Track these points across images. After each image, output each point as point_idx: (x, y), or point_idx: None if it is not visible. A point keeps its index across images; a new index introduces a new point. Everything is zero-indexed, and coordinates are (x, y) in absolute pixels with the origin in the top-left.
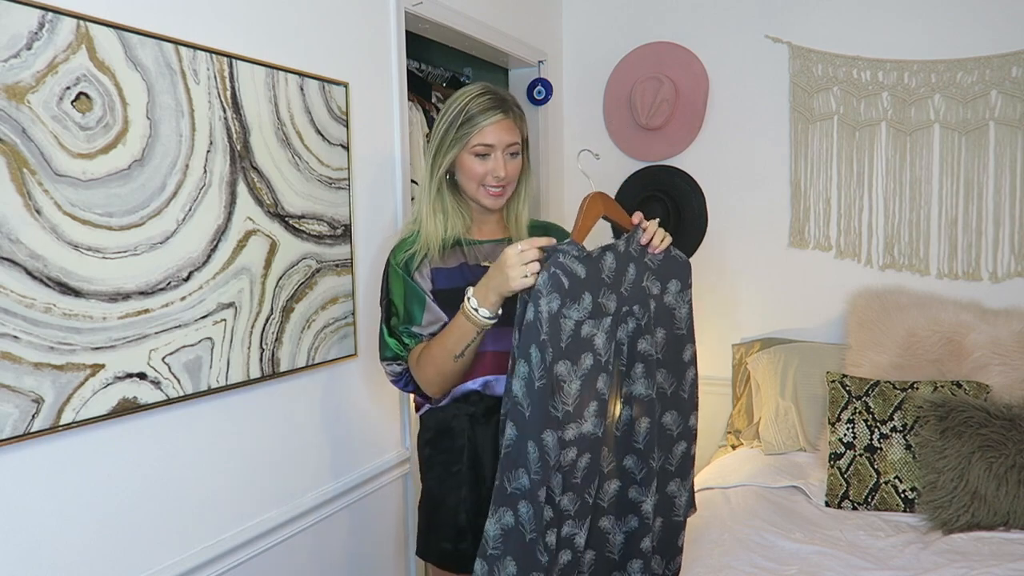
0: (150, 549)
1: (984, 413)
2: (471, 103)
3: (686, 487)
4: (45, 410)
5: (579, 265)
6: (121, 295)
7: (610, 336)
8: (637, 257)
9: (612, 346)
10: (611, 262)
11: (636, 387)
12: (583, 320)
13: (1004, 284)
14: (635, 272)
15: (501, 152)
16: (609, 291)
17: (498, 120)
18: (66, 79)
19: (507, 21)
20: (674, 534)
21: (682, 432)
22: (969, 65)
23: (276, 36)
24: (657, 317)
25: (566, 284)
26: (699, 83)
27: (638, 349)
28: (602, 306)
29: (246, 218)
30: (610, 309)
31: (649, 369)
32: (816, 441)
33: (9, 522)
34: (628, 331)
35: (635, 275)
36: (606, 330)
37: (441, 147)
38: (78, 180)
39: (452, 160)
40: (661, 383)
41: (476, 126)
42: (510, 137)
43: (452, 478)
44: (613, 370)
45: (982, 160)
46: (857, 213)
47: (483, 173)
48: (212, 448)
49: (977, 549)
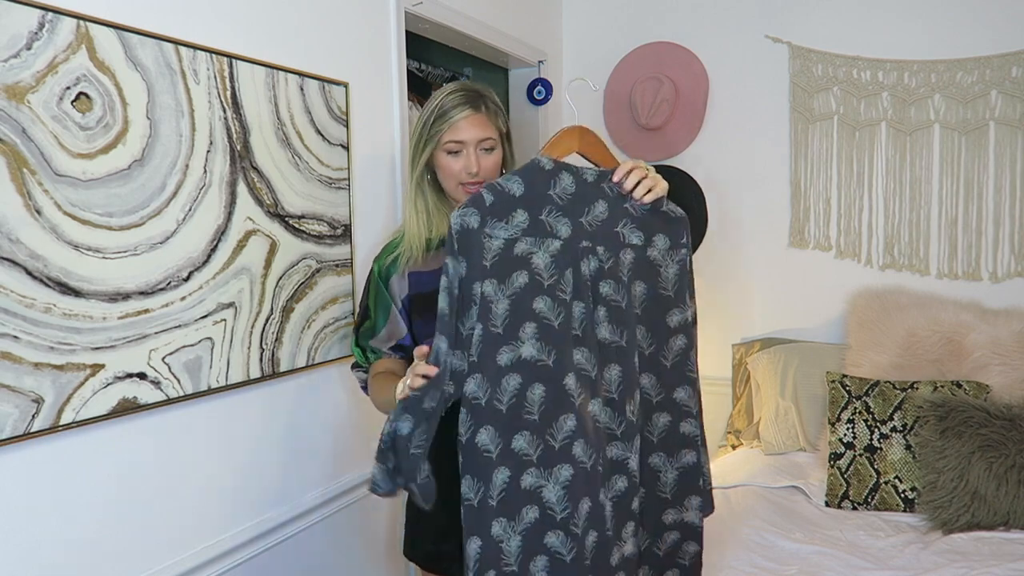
0: (150, 549)
1: (984, 413)
2: (443, 100)
3: (674, 466)
4: (45, 410)
5: (516, 181)
6: (121, 295)
7: (560, 261)
8: (613, 198)
9: (568, 275)
10: (568, 184)
11: (600, 330)
12: (515, 238)
13: (1004, 284)
14: (606, 211)
15: (473, 148)
16: (560, 214)
17: (467, 115)
18: (66, 79)
19: (507, 21)
20: (658, 510)
21: (663, 403)
22: (969, 65)
23: (276, 36)
24: (636, 269)
25: (488, 201)
26: (699, 83)
27: (600, 291)
28: (546, 225)
29: (246, 218)
30: (560, 233)
31: (614, 315)
32: (816, 441)
33: (9, 522)
34: (591, 268)
35: (606, 215)
36: (552, 252)
37: (417, 146)
38: (78, 180)
39: (428, 158)
40: (639, 340)
41: (447, 122)
42: (482, 132)
43: (435, 479)
44: (572, 301)
45: (982, 160)
46: (857, 213)
47: (458, 170)
48: (212, 448)
49: (977, 549)
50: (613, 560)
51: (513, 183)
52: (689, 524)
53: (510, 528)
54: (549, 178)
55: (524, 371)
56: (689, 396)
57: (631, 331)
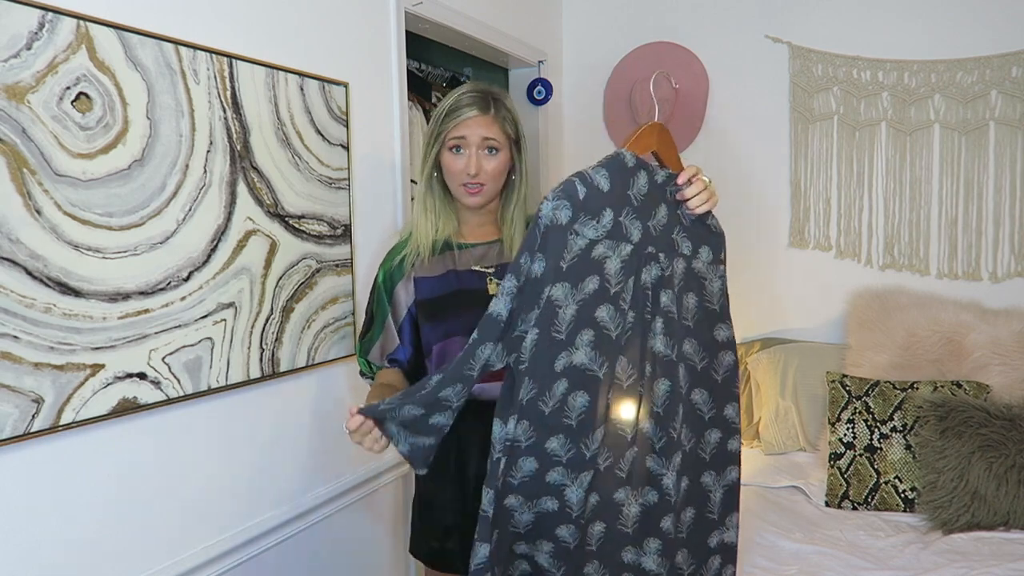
0: (150, 549)
1: (984, 413)
2: (456, 99)
3: (721, 484)
4: (45, 410)
5: (603, 175)
6: (121, 295)
7: (628, 267)
8: (671, 203)
9: (631, 282)
10: (643, 184)
11: (656, 342)
12: (598, 240)
13: (1004, 284)
14: (666, 216)
15: (475, 148)
16: (635, 216)
17: (473, 116)
18: (66, 79)
19: (507, 21)
20: (704, 532)
21: (715, 419)
22: (969, 65)
23: (276, 36)
24: (687, 280)
25: (580, 193)
26: (699, 83)
27: (660, 302)
28: (623, 228)
29: (246, 218)
30: (632, 237)
31: (670, 328)
32: (816, 441)
33: (9, 522)
34: (652, 277)
35: (666, 220)
36: (623, 258)
37: (428, 143)
38: (78, 180)
39: (436, 157)
40: (689, 353)
41: (452, 121)
42: (485, 132)
43: (440, 477)
44: (628, 310)
45: (982, 160)
46: (857, 213)
47: (458, 170)
48: (212, 448)
49: (977, 549)
50: (626, 558)
51: (600, 177)
52: (729, 545)
53: (526, 506)
54: (630, 176)
55: (572, 377)
56: (736, 413)
57: (680, 344)
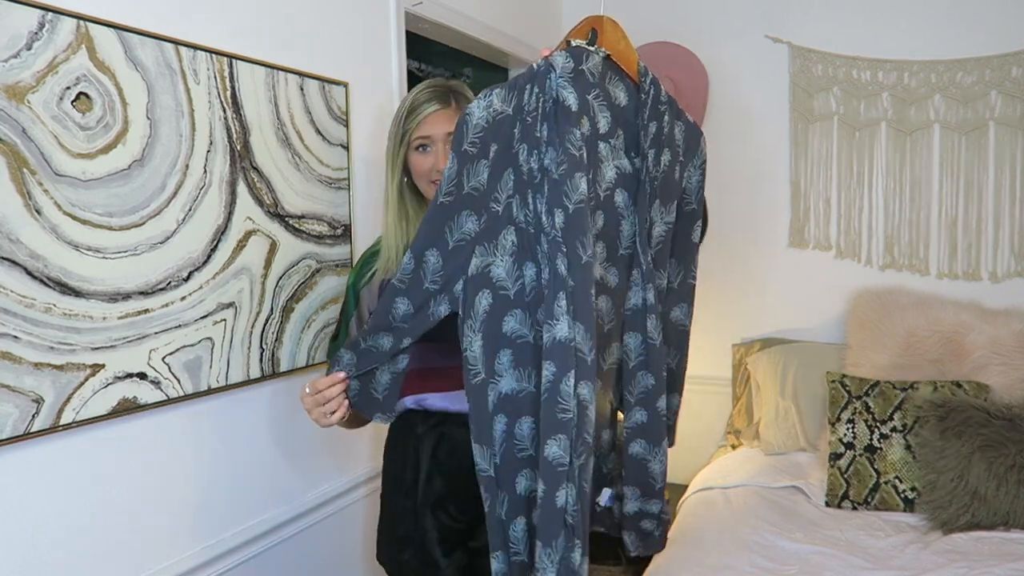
0: (150, 549)
1: (984, 413)
2: (414, 98)
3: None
4: (45, 410)
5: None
6: (121, 295)
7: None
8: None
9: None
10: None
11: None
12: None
13: (1004, 284)
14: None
15: (442, 144)
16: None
17: (435, 111)
18: (66, 79)
19: (507, 21)
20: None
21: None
22: (969, 65)
23: (276, 36)
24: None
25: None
26: (699, 83)
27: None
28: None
29: (246, 218)
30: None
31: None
32: (816, 441)
33: (9, 522)
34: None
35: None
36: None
37: (393, 149)
38: (78, 180)
39: (403, 160)
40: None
41: (414, 120)
42: (449, 126)
43: (396, 488)
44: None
45: (982, 160)
46: (857, 213)
47: (427, 168)
48: (212, 448)
49: (977, 549)
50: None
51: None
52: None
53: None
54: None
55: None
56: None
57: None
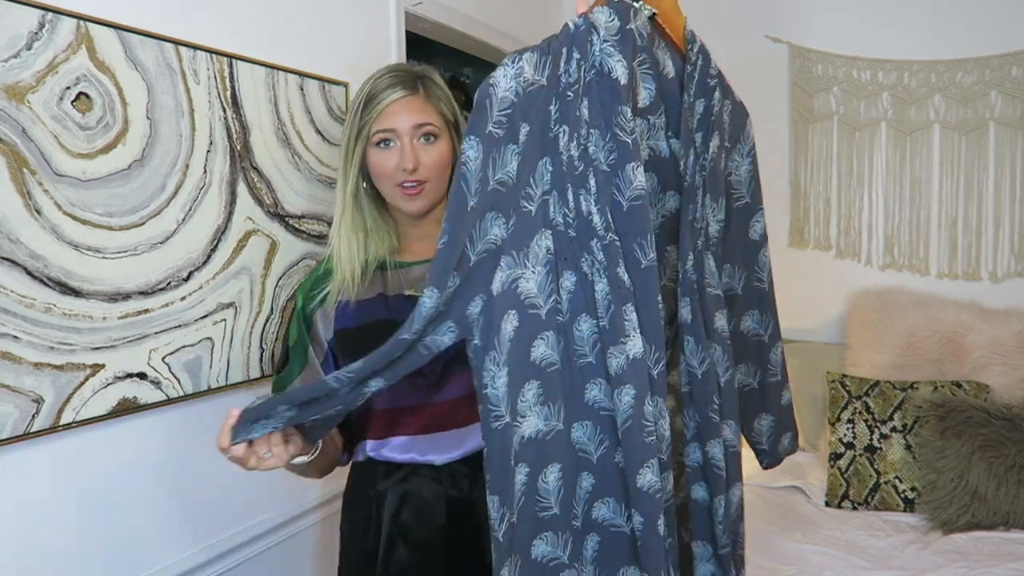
0: (150, 549)
1: (984, 413)
2: (372, 84)
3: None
4: (45, 410)
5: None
6: (121, 295)
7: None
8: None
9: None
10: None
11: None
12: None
13: (1004, 284)
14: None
15: (408, 137)
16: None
17: (398, 98)
18: (66, 79)
19: (507, 21)
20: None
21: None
22: (969, 65)
23: (276, 36)
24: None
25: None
26: None
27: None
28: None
29: (246, 218)
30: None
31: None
32: (816, 441)
33: (9, 522)
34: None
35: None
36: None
37: (348, 147)
38: (78, 180)
39: (361, 158)
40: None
41: (374, 110)
42: (417, 117)
43: (354, 553)
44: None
45: (982, 160)
46: (857, 213)
47: (392, 168)
48: (212, 448)
49: (977, 549)
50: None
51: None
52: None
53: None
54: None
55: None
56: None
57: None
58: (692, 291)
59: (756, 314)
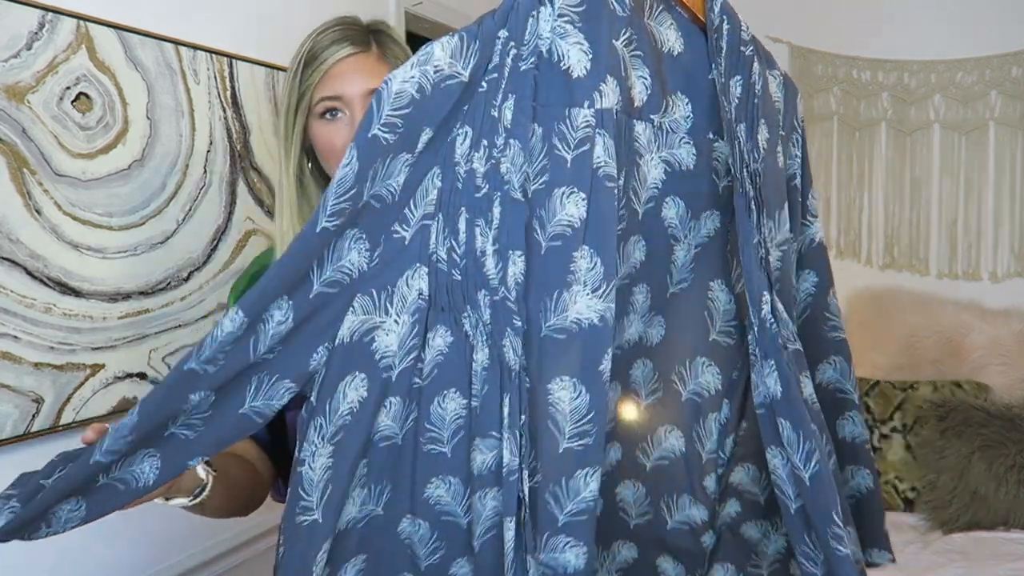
0: (150, 550)
1: (984, 413)
2: (314, 40)
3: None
4: (45, 410)
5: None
6: (121, 295)
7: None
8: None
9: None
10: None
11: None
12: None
13: (1004, 284)
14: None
15: (360, 104)
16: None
17: (345, 55)
18: (66, 79)
19: None
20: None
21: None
22: (969, 65)
23: (276, 36)
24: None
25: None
26: None
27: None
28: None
29: (246, 218)
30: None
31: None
32: None
33: None
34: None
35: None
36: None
37: (287, 118)
38: (78, 180)
39: (303, 132)
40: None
41: (316, 71)
42: (371, 79)
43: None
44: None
45: (982, 160)
46: (857, 213)
47: (342, 143)
48: None
49: (977, 549)
50: None
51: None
52: None
53: None
54: None
55: None
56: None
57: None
58: (777, 348)
59: (839, 361)
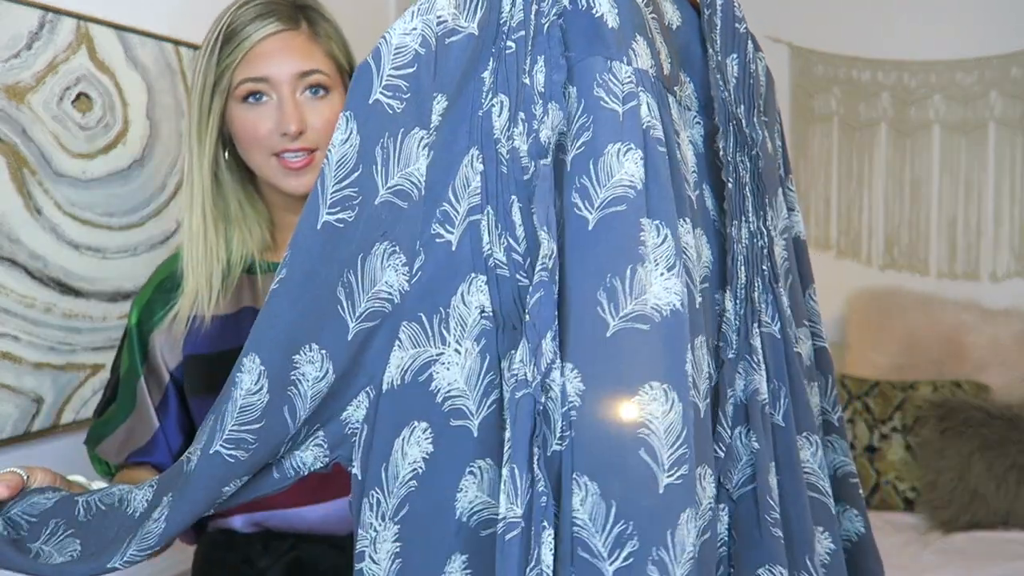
0: None
1: (984, 413)
2: (232, 15)
3: None
4: (45, 410)
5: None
6: (121, 295)
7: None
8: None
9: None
10: None
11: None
12: None
13: (1004, 284)
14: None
15: (289, 88)
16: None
17: (271, 33)
18: (66, 79)
19: None
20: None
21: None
22: (969, 65)
23: None
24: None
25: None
26: None
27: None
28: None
29: None
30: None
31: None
32: None
33: None
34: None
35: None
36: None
37: (200, 103)
38: (78, 180)
39: (220, 120)
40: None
41: (237, 50)
42: (300, 61)
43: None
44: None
45: (982, 160)
46: (857, 213)
47: (265, 132)
48: None
49: (977, 549)
50: None
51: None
52: None
53: None
54: None
55: None
56: None
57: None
58: (789, 365)
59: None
